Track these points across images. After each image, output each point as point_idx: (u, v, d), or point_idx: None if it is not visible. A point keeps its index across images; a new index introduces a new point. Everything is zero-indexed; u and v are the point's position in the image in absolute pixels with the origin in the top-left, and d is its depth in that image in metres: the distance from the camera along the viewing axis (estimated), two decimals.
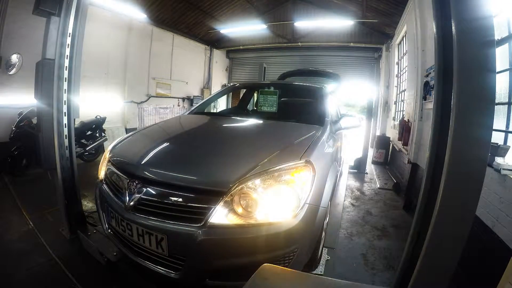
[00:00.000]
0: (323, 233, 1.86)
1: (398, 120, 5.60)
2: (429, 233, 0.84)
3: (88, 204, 2.89)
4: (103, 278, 1.82)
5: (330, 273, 1.89)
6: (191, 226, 1.29)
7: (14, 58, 4.09)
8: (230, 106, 7.43)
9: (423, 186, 0.96)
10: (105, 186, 1.70)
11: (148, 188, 1.41)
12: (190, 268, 1.30)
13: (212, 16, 8.23)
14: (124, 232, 1.46)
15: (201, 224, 1.28)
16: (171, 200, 1.36)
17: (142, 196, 1.40)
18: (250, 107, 3.99)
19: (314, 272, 1.79)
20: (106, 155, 1.85)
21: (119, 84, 6.47)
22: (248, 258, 1.28)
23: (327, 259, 2.02)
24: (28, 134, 3.76)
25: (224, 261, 1.30)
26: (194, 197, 1.34)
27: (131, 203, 1.40)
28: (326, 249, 2.12)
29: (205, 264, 1.29)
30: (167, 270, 1.36)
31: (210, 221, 1.28)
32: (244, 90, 3.86)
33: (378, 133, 7.27)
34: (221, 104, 8.92)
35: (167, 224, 1.32)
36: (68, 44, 2.00)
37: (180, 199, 1.35)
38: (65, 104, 2.05)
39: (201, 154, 1.64)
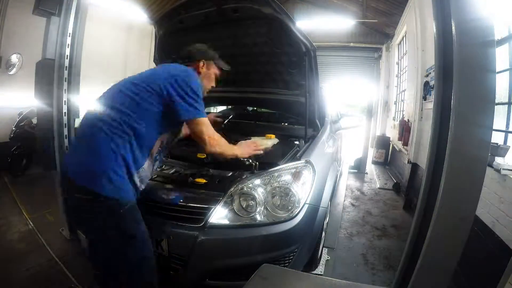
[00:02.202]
0: (323, 233, 1.85)
1: (398, 120, 5.59)
2: (429, 233, 0.84)
3: None
4: None
5: (330, 273, 1.89)
6: (191, 227, 1.29)
7: (14, 58, 4.09)
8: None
9: (423, 186, 0.96)
10: None
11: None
12: (190, 268, 1.30)
13: None
14: None
15: (201, 224, 1.28)
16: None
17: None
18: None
19: (314, 272, 1.79)
20: None
21: None
22: (248, 258, 1.28)
23: (327, 259, 2.02)
24: (28, 134, 3.76)
25: (224, 261, 1.30)
26: (194, 197, 1.34)
27: None
28: (326, 249, 2.12)
29: (205, 264, 1.30)
30: (167, 270, 1.36)
31: (210, 221, 1.28)
32: None
33: (378, 133, 7.27)
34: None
35: (167, 224, 1.32)
36: (68, 44, 2.00)
37: (180, 199, 1.35)
38: (65, 104, 2.05)
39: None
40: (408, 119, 4.55)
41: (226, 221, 1.29)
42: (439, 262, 0.84)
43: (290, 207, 1.35)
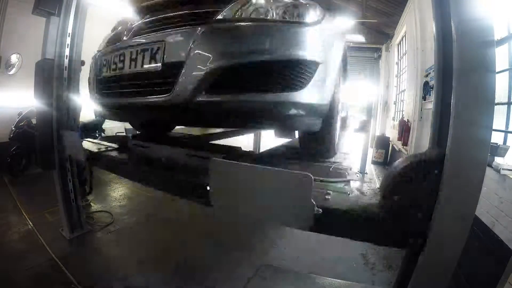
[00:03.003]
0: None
1: (398, 120, 5.60)
2: (429, 233, 0.84)
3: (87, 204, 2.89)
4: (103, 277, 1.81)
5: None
6: (195, 25, 1.12)
7: (14, 58, 4.09)
8: None
9: None
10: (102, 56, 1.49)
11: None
12: (185, 79, 1.11)
13: None
14: (115, 70, 1.30)
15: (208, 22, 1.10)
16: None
17: (145, 20, 1.28)
18: None
19: (332, 159, 1.51)
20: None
21: None
22: (258, 56, 1.07)
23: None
24: (27, 134, 3.76)
25: (229, 58, 1.09)
26: None
27: (132, 31, 1.29)
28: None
29: (204, 69, 1.08)
30: (158, 96, 1.17)
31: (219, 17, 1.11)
32: None
33: (377, 133, 7.27)
34: None
35: (166, 31, 1.17)
36: (68, 44, 2.00)
37: None
38: (64, 104, 2.05)
39: None
40: (407, 119, 4.55)
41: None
42: (439, 262, 0.84)
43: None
